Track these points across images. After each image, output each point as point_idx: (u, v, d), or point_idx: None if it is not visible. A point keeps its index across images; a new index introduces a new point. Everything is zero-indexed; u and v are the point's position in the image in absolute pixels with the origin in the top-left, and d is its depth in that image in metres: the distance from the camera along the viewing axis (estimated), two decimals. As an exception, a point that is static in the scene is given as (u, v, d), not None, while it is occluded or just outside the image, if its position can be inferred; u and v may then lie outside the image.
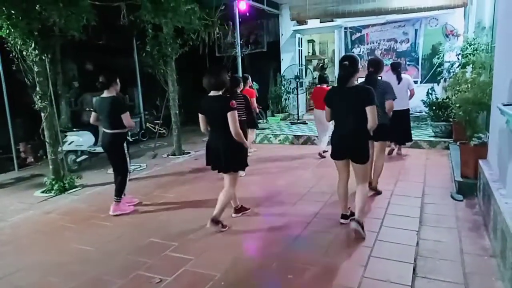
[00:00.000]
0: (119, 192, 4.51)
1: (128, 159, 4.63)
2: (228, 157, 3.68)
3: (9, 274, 3.21)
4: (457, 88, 4.88)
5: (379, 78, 4.57)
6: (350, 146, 3.54)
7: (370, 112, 3.34)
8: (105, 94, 4.42)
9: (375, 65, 4.44)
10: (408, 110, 6.45)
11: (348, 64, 3.38)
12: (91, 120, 4.64)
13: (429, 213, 4.14)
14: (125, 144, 4.55)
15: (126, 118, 4.38)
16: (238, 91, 5.77)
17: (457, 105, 4.75)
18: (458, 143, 4.87)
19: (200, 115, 3.76)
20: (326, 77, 7.12)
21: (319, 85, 7.04)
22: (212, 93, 3.67)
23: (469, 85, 4.78)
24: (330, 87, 6.59)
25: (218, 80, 3.63)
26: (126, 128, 4.47)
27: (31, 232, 4.14)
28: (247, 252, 3.47)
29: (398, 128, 6.25)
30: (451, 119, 7.06)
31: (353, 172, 3.64)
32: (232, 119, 3.55)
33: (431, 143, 7.31)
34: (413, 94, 6.44)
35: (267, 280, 2.95)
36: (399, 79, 6.13)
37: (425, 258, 3.16)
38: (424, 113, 8.53)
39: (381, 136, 4.42)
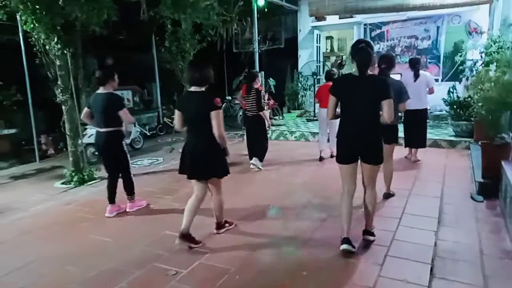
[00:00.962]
0: (130, 191, 4.45)
1: (128, 156, 4.44)
2: (208, 162, 3.30)
3: (30, 263, 3.29)
4: (480, 86, 4.74)
5: (391, 76, 4.24)
6: (363, 144, 3.12)
7: (388, 106, 3.00)
8: (101, 90, 4.18)
9: (388, 61, 4.11)
10: (425, 110, 6.00)
11: (365, 46, 2.99)
12: (82, 116, 4.40)
13: (448, 213, 4.05)
14: (123, 142, 4.35)
15: (125, 114, 4.16)
16: (255, 86, 5.85)
17: (480, 104, 4.62)
18: (479, 143, 4.73)
19: (176, 111, 3.39)
20: (334, 74, 6.84)
21: (325, 82, 6.78)
22: (193, 88, 3.29)
23: (493, 84, 4.64)
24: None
25: (202, 74, 3.26)
26: (122, 126, 4.25)
27: (51, 223, 4.24)
28: (262, 247, 3.45)
29: (412, 130, 5.98)
30: (472, 119, 6.89)
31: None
32: (216, 119, 3.17)
33: (451, 143, 7.15)
34: (432, 92, 5.93)
35: (282, 276, 2.94)
36: (416, 76, 5.77)
37: (443, 259, 3.10)
38: (444, 112, 8.35)
39: (391, 138, 4.12)
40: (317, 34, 11.29)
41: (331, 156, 6.53)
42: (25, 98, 7.32)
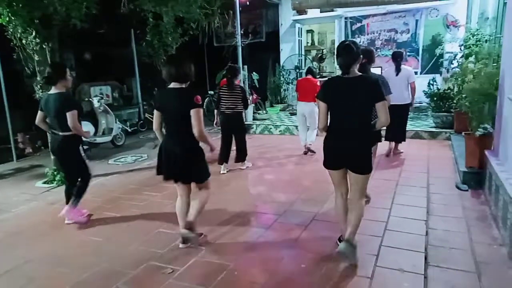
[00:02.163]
0: (76, 196, 3.92)
1: (87, 162, 4.03)
2: (188, 164, 3.12)
3: (19, 265, 3.17)
4: (464, 78, 4.87)
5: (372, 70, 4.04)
6: (351, 152, 2.83)
7: (382, 108, 2.72)
8: (52, 90, 3.75)
9: (368, 55, 3.81)
10: (407, 105, 5.93)
11: (350, 47, 2.75)
12: (36, 121, 3.90)
13: (436, 203, 4.16)
14: (80, 147, 3.92)
15: (71, 117, 3.66)
16: (236, 82, 5.65)
17: (464, 95, 4.75)
18: (463, 133, 4.87)
19: (155, 111, 3.19)
20: (315, 69, 6.83)
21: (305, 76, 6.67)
22: (172, 85, 3.09)
23: (475, 75, 4.77)
24: (323, 78, 6.33)
25: (181, 70, 3.04)
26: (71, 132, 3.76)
27: (37, 223, 4.09)
28: (259, 242, 3.45)
29: (392, 125, 6.00)
30: (452, 110, 7.09)
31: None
32: (197, 117, 2.97)
33: (432, 134, 7.34)
34: (413, 87, 5.83)
35: (281, 269, 2.94)
36: (398, 70, 5.75)
37: (436, 247, 3.18)
38: (424, 103, 8.55)
39: (375, 138, 3.95)
40: (298, 28, 11.31)
41: (308, 151, 6.48)
42: (-1, 95, 7.01)
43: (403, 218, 3.76)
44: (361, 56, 2.87)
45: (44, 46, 5.19)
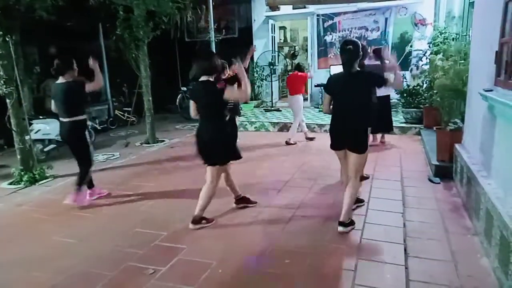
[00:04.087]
0: (79, 181, 4.26)
1: (91, 148, 4.37)
2: (216, 148, 3.49)
3: (-13, 271, 2.99)
4: (434, 75, 5.03)
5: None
6: (350, 134, 3.33)
7: (396, 78, 3.38)
8: (60, 80, 4.18)
9: (363, 49, 4.32)
10: (389, 96, 6.40)
11: (352, 48, 3.21)
12: (52, 108, 4.38)
13: (410, 195, 4.28)
14: (86, 132, 4.31)
15: (90, 86, 4.23)
16: (223, 77, 5.59)
17: (435, 91, 4.91)
18: (434, 128, 5.05)
19: (191, 101, 3.58)
20: (303, 66, 7.23)
21: (294, 72, 7.12)
22: (203, 78, 3.46)
23: (445, 72, 4.95)
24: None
25: (211, 64, 3.45)
26: (85, 115, 4.26)
27: (4, 226, 3.88)
28: (240, 239, 3.42)
29: (379, 116, 6.32)
30: (421, 106, 7.33)
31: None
32: (232, 93, 3.44)
33: (402, 129, 7.56)
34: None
35: (266, 266, 2.93)
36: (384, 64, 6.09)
37: (414, 238, 3.28)
38: (394, 100, 8.78)
39: (387, 125, 4.55)
40: (271, 24, 11.31)
41: (286, 143, 6.95)
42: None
43: (381, 211, 3.84)
44: (361, 55, 3.31)
45: (7, 39, 4.89)
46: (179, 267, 2.95)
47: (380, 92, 5.50)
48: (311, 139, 7.18)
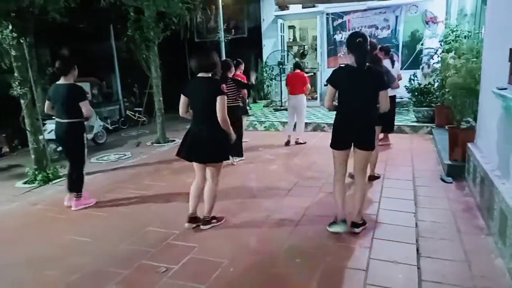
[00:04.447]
0: (79, 187, 4.28)
1: (85, 150, 4.35)
2: (212, 146, 3.39)
3: (4, 268, 3.06)
4: (446, 73, 4.98)
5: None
6: (358, 130, 3.21)
7: (384, 96, 3.16)
8: (62, 81, 4.16)
9: (371, 44, 4.01)
10: (394, 97, 6.13)
11: (363, 41, 3.07)
12: (46, 109, 4.33)
13: (422, 195, 4.25)
14: (84, 134, 4.30)
15: (85, 106, 4.14)
16: (230, 76, 5.62)
17: (447, 90, 4.85)
18: (446, 127, 4.99)
19: (182, 97, 3.45)
20: (302, 63, 7.23)
21: (293, 71, 7.07)
22: (201, 74, 3.40)
23: (457, 70, 4.89)
24: (306, 74, 6.75)
25: (209, 61, 3.38)
26: (83, 117, 4.21)
27: (19, 225, 3.94)
28: (250, 238, 3.43)
29: (383, 114, 6.27)
30: (433, 104, 7.25)
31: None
32: (221, 104, 3.29)
33: (414, 128, 7.49)
34: (400, 79, 6.24)
35: (277, 265, 2.94)
36: (393, 62, 6.00)
37: (426, 238, 3.25)
38: (405, 99, 8.71)
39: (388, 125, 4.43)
40: (280, 23, 11.29)
41: (296, 143, 6.94)
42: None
43: (392, 211, 3.82)
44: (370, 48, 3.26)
45: (21, 41, 4.98)
46: (191, 265, 2.97)
47: (390, 91, 5.56)
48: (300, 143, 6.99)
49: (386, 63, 5.88)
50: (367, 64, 3.15)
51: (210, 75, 3.42)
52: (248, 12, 11.93)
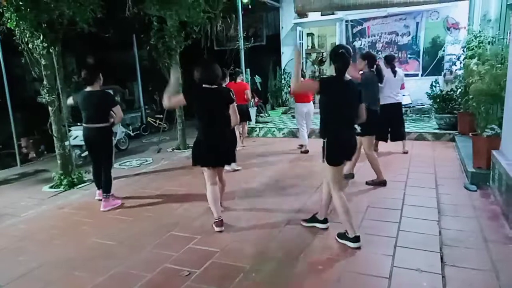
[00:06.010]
0: (108, 188, 4.53)
1: (114, 153, 4.66)
2: (230, 149, 3.84)
3: (33, 270, 3.15)
4: (469, 80, 4.90)
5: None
6: (352, 144, 3.36)
7: (363, 109, 3.36)
8: (89, 88, 4.42)
9: (369, 58, 5.00)
10: (401, 103, 6.32)
11: (346, 53, 3.17)
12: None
13: (446, 203, 4.18)
14: (113, 138, 4.63)
15: (118, 110, 4.50)
16: (224, 85, 5.68)
17: (470, 96, 4.78)
18: (470, 134, 4.90)
19: (182, 97, 3.55)
20: (304, 72, 7.43)
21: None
22: (206, 85, 3.57)
23: (480, 77, 4.81)
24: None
25: (219, 72, 3.64)
26: (111, 122, 4.50)
27: (47, 227, 4.07)
28: (273, 243, 3.44)
29: (395, 123, 6.21)
30: (455, 111, 7.13)
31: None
32: (234, 109, 3.65)
33: (436, 135, 7.37)
34: (403, 88, 6.53)
35: (299, 271, 2.94)
36: (394, 72, 5.95)
37: (450, 247, 3.19)
38: (427, 105, 8.60)
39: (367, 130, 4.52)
40: (299, 31, 11.35)
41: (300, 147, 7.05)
42: (3, 100, 6.98)
43: (415, 219, 3.77)
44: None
45: (51, 50, 5.18)
46: (213, 269, 3.01)
47: (385, 100, 5.73)
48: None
49: (387, 72, 5.85)
50: (349, 77, 3.24)
51: (215, 86, 3.62)
52: (267, 20, 12.04)
